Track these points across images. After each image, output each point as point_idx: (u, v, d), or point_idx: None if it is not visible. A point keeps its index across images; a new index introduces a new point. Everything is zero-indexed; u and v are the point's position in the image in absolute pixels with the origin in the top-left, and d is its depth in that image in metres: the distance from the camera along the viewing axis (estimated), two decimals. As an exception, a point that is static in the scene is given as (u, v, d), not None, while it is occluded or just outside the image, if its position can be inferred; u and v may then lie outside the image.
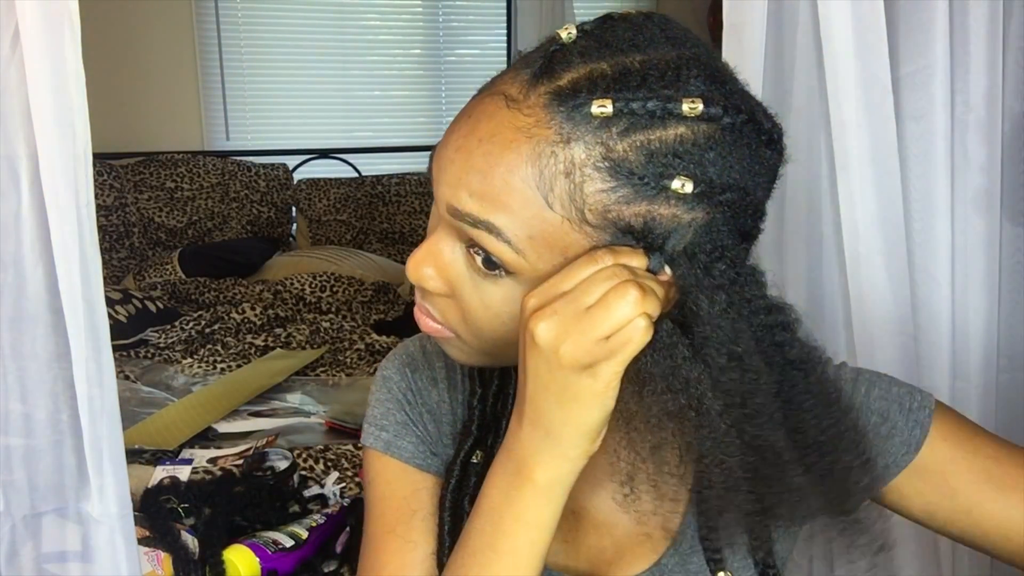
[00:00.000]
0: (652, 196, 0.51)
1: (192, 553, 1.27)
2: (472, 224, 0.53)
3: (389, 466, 0.72)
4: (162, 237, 3.20)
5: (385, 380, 0.74)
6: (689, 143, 0.51)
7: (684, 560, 0.67)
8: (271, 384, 2.02)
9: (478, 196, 0.52)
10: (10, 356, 0.84)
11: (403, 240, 3.42)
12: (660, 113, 0.50)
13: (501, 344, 0.58)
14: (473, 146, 0.53)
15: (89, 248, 0.82)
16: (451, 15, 3.70)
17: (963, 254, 1.05)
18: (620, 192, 0.51)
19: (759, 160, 0.54)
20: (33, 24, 0.76)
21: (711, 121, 0.51)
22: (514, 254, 0.53)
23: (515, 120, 0.51)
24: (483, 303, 0.56)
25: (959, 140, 1.02)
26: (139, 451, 1.62)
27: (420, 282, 0.58)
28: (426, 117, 3.74)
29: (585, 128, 0.50)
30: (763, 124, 0.53)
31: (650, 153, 0.50)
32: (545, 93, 0.51)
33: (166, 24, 3.31)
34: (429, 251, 0.57)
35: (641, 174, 0.50)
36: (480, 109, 0.54)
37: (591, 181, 0.51)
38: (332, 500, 1.51)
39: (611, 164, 0.50)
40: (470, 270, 0.56)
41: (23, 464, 0.87)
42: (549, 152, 0.51)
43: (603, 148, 0.50)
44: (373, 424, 0.73)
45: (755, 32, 0.98)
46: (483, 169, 0.52)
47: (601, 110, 0.50)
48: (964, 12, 0.99)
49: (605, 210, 0.51)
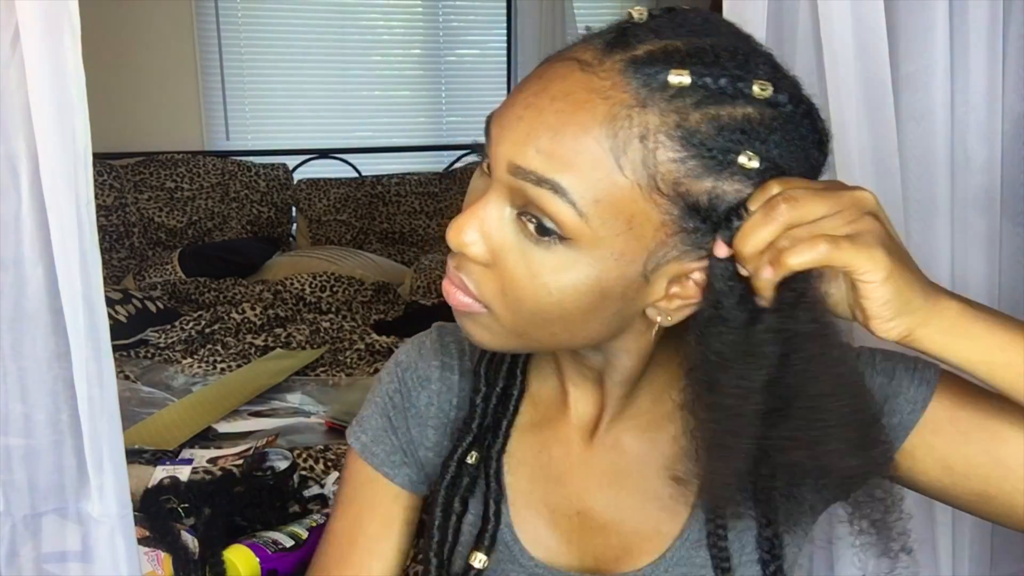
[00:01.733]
0: (719, 171, 0.52)
1: (192, 553, 1.27)
2: (536, 182, 0.52)
3: (362, 471, 0.74)
4: (162, 237, 3.20)
5: (378, 381, 0.75)
6: (756, 123, 0.52)
7: (691, 554, 0.67)
8: (271, 384, 2.02)
9: (546, 153, 0.51)
10: (10, 356, 0.84)
11: (403, 240, 3.42)
12: (731, 91, 0.51)
13: (539, 320, 0.56)
14: (545, 104, 0.52)
15: (89, 248, 0.82)
16: (451, 15, 3.70)
17: (963, 254, 1.05)
18: (690, 164, 0.51)
19: (809, 157, 0.55)
20: (33, 24, 0.76)
21: (776, 106, 0.52)
22: (576, 217, 0.52)
23: (590, 82, 0.52)
24: (530, 271, 0.54)
25: (959, 140, 1.02)
26: (139, 451, 1.62)
27: (461, 248, 0.56)
28: (426, 117, 3.74)
29: (660, 96, 0.51)
30: (818, 122, 0.55)
31: (720, 127, 0.51)
32: (620, 60, 0.52)
33: (166, 24, 3.31)
34: (475, 214, 0.55)
35: (711, 146, 0.51)
36: (552, 71, 0.54)
37: (664, 148, 0.51)
38: (332, 500, 1.51)
39: (684, 133, 0.51)
40: (520, 236, 0.54)
41: (23, 464, 0.87)
42: (624, 115, 0.51)
43: (678, 116, 0.51)
44: (359, 424, 0.75)
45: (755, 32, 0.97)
46: (554, 126, 0.51)
47: (679, 79, 0.50)
48: (964, 12, 0.98)
49: (676, 182, 0.51)
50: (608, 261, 0.53)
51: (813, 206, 0.51)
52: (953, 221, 1.03)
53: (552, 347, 0.63)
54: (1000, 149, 1.03)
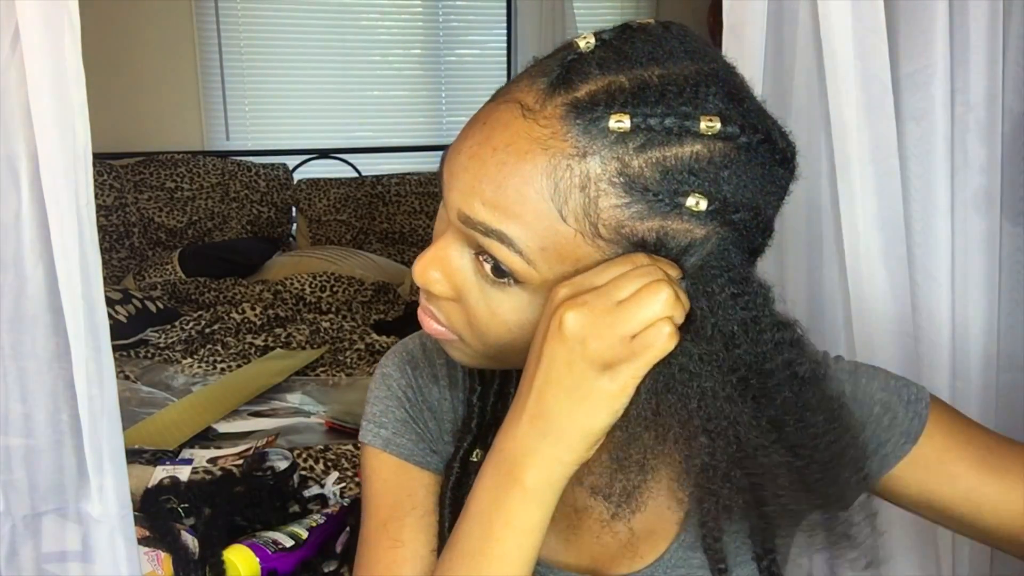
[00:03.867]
0: (666, 212, 0.51)
1: (192, 553, 1.27)
2: (484, 233, 0.53)
3: (386, 463, 0.72)
4: (162, 237, 3.20)
5: (385, 377, 0.74)
6: (705, 161, 0.51)
7: (688, 555, 0.67)
8: (271, 384, 2.02)
9: (491, 205, 0.52)
10: (10, 356, 0.84)
11: (403, 240, 3.42)
12: (677, 130, 0.50)
13: (506, 350, 0.58)
14: (487, 155, 0.52)
15: (89, 248, 0.82)
16: (451, 15, 3.70)
17: (963, 254, 1.05)
18: (634, 208, 0.51)
19: (772, 179, 0.54)
20: (33, 24, 0.76)
21: (728, 139, 0.51)
22: (525, 264, 0.53)
23: (531, 131, 0.51)
24: (490, 310, 0.56)
25: (959, 140, 1.02)
26: (139, 451, 1.62)
27: (427, 286, 0.58)
28: (426, 117, 3.74)
29: (602, 142, 0.50)
30: (778, 143, 0.54)
31: (666, 170, 0.50)
32: (562, 104, 0.51)
33: (166, 24, 3.31)
34: (436, 255, 0.57)
35: (656, 191, 0.50)
36: (495, 117, 0.54)
37: (606, 196, 0.51)
38: (332, 500, 1.51)
39: (626, 180, 0.50)
40: (478, 276, 0.56)
41: (23, 464, 0.87)
42: (565, 165, 0.50)
43: (619, 163, 0.50)
44: (372, 421, 0.73)
45: (755, 32, 0.98)
46: (497, 179, 0.52)
47: (619, 125, 0.50)
48: (964, 12, 0.98)
49: (619, 225, 0.51)
50: None
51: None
52: (953, 221, 1.03)
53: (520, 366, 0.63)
54: (1000, 149, 1.03)
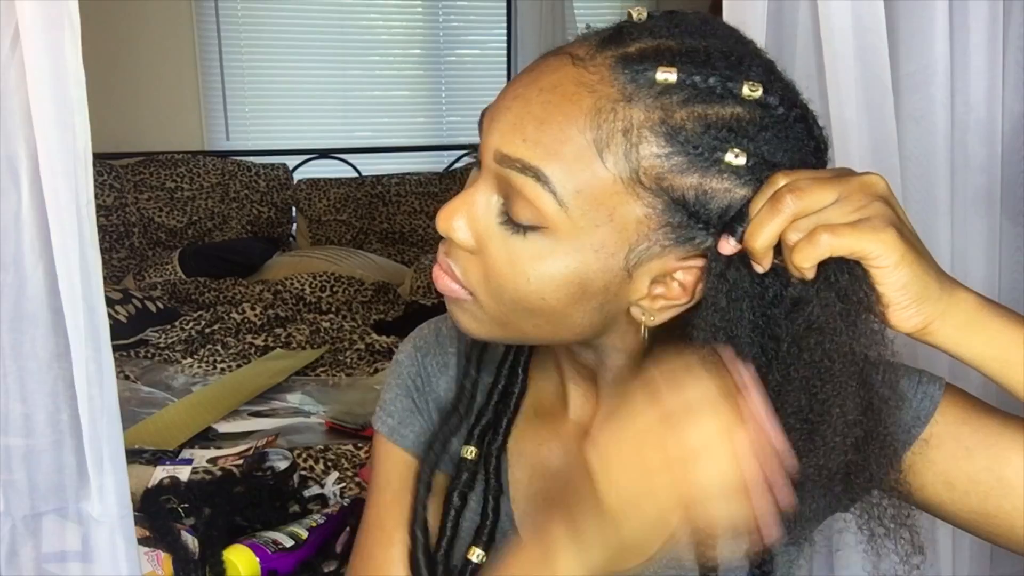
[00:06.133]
0: (705, 168, 0.52)
1: (192, 553, 1.27)
2: (520, 170, 0.53)
3: (392, 454, 0.74)
4: (162, 237, 3.20)
5: (397, 364, 0.76)
6: (745, 121, 0.52)
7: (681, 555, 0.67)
8: (271, 384, 2.02)
9: (532, 142, 0.52)
10: (10, 356, 0.84)
11: (403, 240, 3.42)
12: (720, 91, 0.51)
13: (519, 311, 0.57)
14: (533, 95, 0.53)
15: (89, 248, 0.82)
16: (451, 15, 3.70)
17: (963, 254, 1.05)
18: (675, 160, 0.52)
19: (805, 160, 0.55)
20: (33, 24, 0.76)
21: (767, 108, 0.52)
22: (557, 206, 0.53)
23: (580, 76, 0.53)
24: (510, 259, 0.55)
25: (959, 140, 1.02)
26: (139, 451, 1.62)
27: (448, 232, 0.57)
28: (426, 117, 3.74)
29: (647, 91, 0.51)
30: (814, 129, 0.55)
31: (707, 125, 0.51)
32: (612, 56, 0.53)
33: (166, 24, 3.31)
34: (464, 201, 0.57)
35: (696, 143, 0.51)
36: (545, 64, 0.55)
37: (647, 143, 0.52)
38: (332, 500, 1.51)
39: (668, 129, 0.51)
40: (502, 224, 0.56)
41: (23, 464, 0.87)
42: (609, 108, 0.52)
43: (662, 113, 0.51)
44: (382, 408, 0.75)
45: (755, 32, 0.98)
46: (541, 116, 0.52)
47: (665, 76, 0.51)
48: (964, 12, 0.98)
49: (659, 176, 0.52)
50: (588, 252, 0.54)
51: (819, 195, 0.51)
52: (953, 221, 1.03)
53: (538, 339, 0.63)
54: (1000, 149, 1.03)
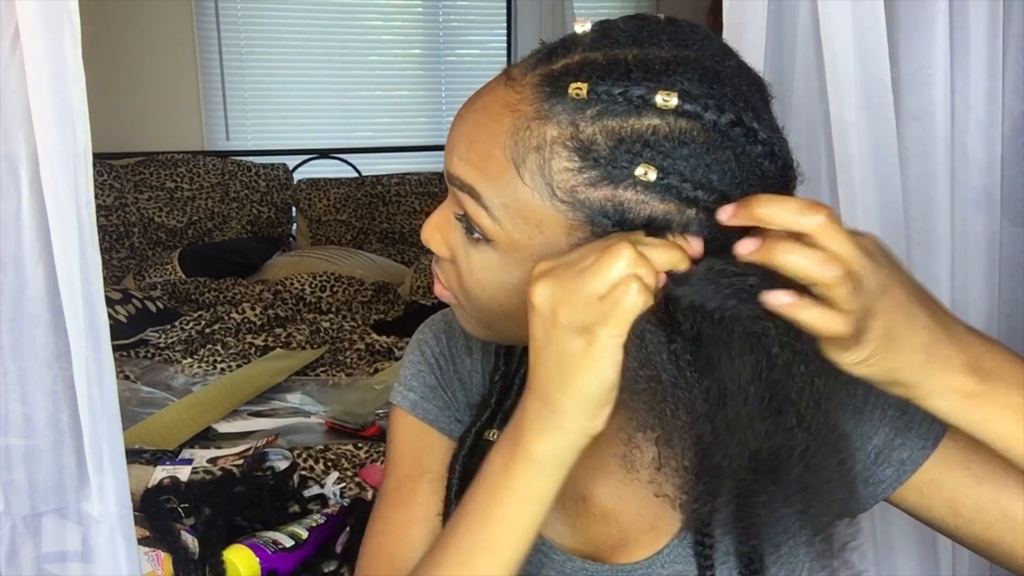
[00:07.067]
0: (617, 181, 0.52)
1: (192, 553, 1.27)
2: (459, 187, 0.57)
3: (411, 425, 0.74)
4: (162, 237, 3.20)
5: (420, 343, 0.77)
6: (662, 135, 0.51)
7: (687, 552, 0.67)
8: (271, 384, 2.02)
9: (464, 161, 0.56)
10: (10, 356, 0.84)
11: (403, 240, 3.42)
12: (636, 102, 0.51)
13: (493, 316, 0.61)
14: (468, 116, 0.57)
15: (89, 248, 0.82)
16: (451, 15, 3.70)
17: (963, 254, 1.05)
18: (586, 173, 0.52)
19: (749, 168, 0.52)
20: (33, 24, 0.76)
21: (691, 118, 0.51)
22: (491, 220, 0.56)
23: (506, 96, 0.55)
24: (470, 269, 0.59)
25: (959, 140, 1.02)
26: (139, 451, 1.62)
27: (427, 243, 0.62)
28: (426, 117, 3.74)
29: (562, 108, 0.53)
30: (759, 133, 0.52)
31: (619, 139, 0.52)
32: (539, 74, 0.54)
33: (166, 24, 3.31)
34: (439, 214, 0.61)
35: (608, 157, 0.52)
36: (487, 86, 0.58)
37: (558, 158, 0.53)
38: (332, 500, 1.51)
39: (579, 144, 0.52)
40: (466, 236, 0.59)
41: (23, 464, 0.87)
42: (525, 126, 0.54)
43: (574, 128, 0.52)
44: (403, 384, 0.76)
45: (755, 32, 0.98)
46: (471, 136, 0.56)
47: (576, 92, 0.52)
48: (964, 12, 0.99)
49: (572, 189, 0.53)
50: (527, 263, 0.55)
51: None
52: (953, 221, 1.03)
53: (519, 339, 0.63)
54: (1000, 149, 1.03)
